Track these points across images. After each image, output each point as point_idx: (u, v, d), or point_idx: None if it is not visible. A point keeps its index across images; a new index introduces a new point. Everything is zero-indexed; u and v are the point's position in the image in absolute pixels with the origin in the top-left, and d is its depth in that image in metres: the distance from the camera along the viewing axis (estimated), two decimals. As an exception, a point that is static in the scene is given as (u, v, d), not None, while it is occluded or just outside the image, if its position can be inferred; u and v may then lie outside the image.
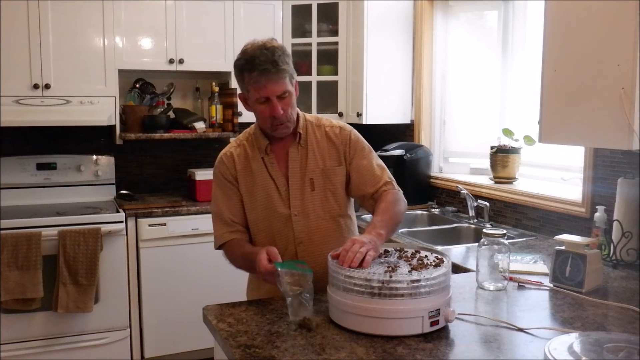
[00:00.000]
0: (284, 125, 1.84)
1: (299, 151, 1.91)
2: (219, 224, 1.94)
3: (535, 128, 2.30)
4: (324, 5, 3.90)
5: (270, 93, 1.77)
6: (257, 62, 1.74)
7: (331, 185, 1.91)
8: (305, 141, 1.92)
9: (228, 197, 1.93)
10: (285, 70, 1.77)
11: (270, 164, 1.91)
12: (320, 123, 1.96)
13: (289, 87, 1.81)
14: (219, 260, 3.66)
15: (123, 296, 3.33)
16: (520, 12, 3.32)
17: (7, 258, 3.00)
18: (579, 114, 2.04)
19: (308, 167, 1.90)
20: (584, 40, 2.01)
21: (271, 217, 1.90)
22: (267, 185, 1.90)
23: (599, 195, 2.51)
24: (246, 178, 1.92)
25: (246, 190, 1.92)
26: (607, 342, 1.25)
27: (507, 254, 1.92)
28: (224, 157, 1.96)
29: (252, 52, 1.76)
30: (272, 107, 1.79)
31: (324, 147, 1.92)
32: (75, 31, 3.43)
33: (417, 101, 3.82)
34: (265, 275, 1.67)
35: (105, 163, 3.77)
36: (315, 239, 1.90)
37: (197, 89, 4.04)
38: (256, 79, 1.75)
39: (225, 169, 1.94)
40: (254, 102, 1.82)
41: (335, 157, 1.92)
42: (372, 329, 1.48)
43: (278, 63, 1.75)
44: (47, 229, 3.11)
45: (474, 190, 3.24)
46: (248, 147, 1.94)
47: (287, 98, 1.81)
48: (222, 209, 1.93)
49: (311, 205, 1.90)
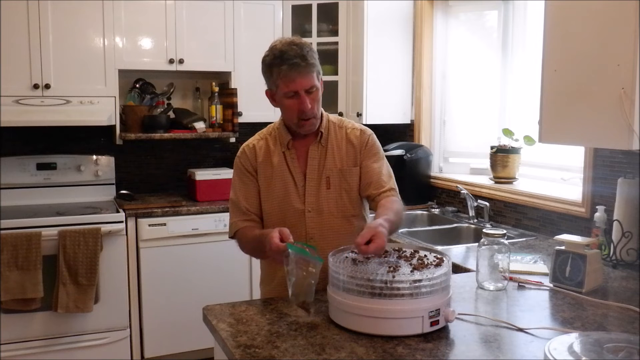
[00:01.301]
0: (309, 122, 1.88)
1: (318, 149, 1.95)
2: (235, 212, 1.98)
3: (535, 128, 2.30)
4: (324, 5, 3.90)
5: (300, 87, 1.81)
6: (286, 56, 1.78)
7: (347, 185, 1.95)
8: (326, 141, 1.96)
9: (246, 187, 1.97)
10: (313, 64, 1.82)
11: (291, 159, 1.95)
12: (342, 125, 2.00)
13: (317, 83, 1.85)
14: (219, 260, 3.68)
15: (123, 296, 3.33)
16: (520, 12, 3.32)
17: (7, 258, 3.00)
18: (579, 114, 2.04)
19: (326, 165, 1.94)
20: (584, 40, 2.01)
21: (286, 211, 1.94)
22: (285, 179, 1.94)
23: (599, 195, 2.51)
24: (266, 170, 1.96)
25: (264, 182, 1.96)
26: (607, 342, 1.25)
27: (507, 254, 1.92)
28: (246, 148, 2.00)
29: (282, 47, 1.81)
30: (300, 101, 1.83)
31: (343, 148, 1.96)
32: (75, 31, 3.43)
33: (417, 101, 3.82)
34: (274, 254, 1.66)
35: (105, 163, 3.77)
36: (327, 235, 1.93)
37: (197, 89, 4.04)
38: (285, 72, 1.79)
39: (246, 160, 1.98)
40: (282, 96, 1.85)
41: (353, 158, 1.96)
42: (372, 329, 1.48)
43: (307, 57, 1.80)
44: (47, 229, 3.11)
45: (474, 190, 3.24)
46: (270, 141, 1.98)
47: (314, 93, 1.85)
48: (239, 198, 1.97)
49: (325, 203, 1.93)
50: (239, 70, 3.77)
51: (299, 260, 1.57)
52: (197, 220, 3.49)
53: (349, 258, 1.63)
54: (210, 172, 3.72)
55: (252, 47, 3.80)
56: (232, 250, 3.51)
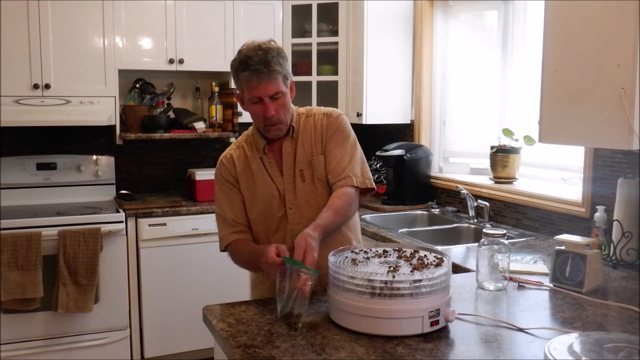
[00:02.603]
0: (276, 127, 1.86)
1: (291, 144, 1.93)
2: (223, 225, 1.96)
3: (535, 128, 2.30)
4: (324, 5, 3.90)
5: (263, 93, 1.79)
6: (250, 62, 1.76)
7: (319, 174, 1.91)
8: (297, 134, 1.93)
9: (230, 199, 1.94)
10: (277, 71, 1.78)
11: (269, 164, 1.92)
12: (310, 113, 1.97)
13: (282, 88, 1.81)
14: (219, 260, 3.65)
15: (123, 296, 3.33)
16: (520, 12, 3.32)
17: (7, 258, 3.00)
18: (579, 114, 2.04)
19: (297, 158, 1.92)
20: (584, 40, 2.01)
21: (270, 216, 1.92)
22: (267, 184, 1.92)
23: (599, 195, 2.51)
24: (247, 178, 1.93)
25: (247, 190, 1.93)
26: (607, 342, 1.25)
27: (507, 254, 1.92)
28: (224, 159, 1.98)
29: (247, 53, 1.78)
30: (264, 108, 1.80)
31: (312, 137, 1.93)
32: (75, 31, 3.43)
33: (417, 101, 3.82)
34: (269, 268, 1.65)
35: (105, 163, 3.77)
36: None
37: (197, 89, 4.04)
38: (248, 78, 1.77)
39: (226, 171, 1.96)
40: (248, 101, 1.84)
41: (320, 145, 1.93)
42: (372, 329, 1.48)
43: (270, 64, 1.76)
44: (47, 229, 3.11)
45: (474, 190, 3.24)
46: (247, 148, 1.96)
47: (279, 99, 1.82)
48: (225, 211, 1.94)
49: (303, 196, 1.91)
50: (239, 70, 3.76)
51: (295, 273, 1.56)
52: (197, 220, 3.49)
53: (349, 258, 1.63)
54: (210, 172, 3.71)
55: None
56: (232, 250, 3.55)
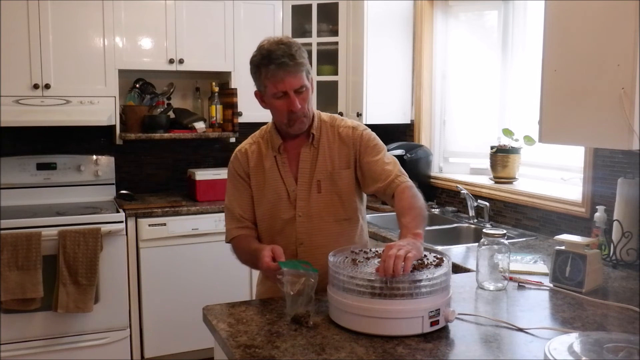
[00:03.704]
0: (300, 120, 1.84)
1: (310, 152, 1.90)
2: (229, 219, 1.97)
3: (535, 128, 2.30)
4: (324, 5, 3.90)
5: (288, 87, 1.77)
6: (274, 56, 1.75)
7: (337, 188, 1.90)
8: (318, 142, 1.91)
9: (239, 193, 1.95)
10: (302, 63, 1.78)
11: (282, 164, 1.91)
12: (334, 123, 1.95)
13: (306, 82, 1.81)
14: (219, 260, 3.67)
15: (123, 296, 3.33)
16: (520, 12, 3.32)
17: (7, 258, 3.00)
18: (579, 114, 2.04)
19: (317, 168, 1.89)
20: (584, 40, 2.01)
21: (276, 217, 1.91)
22: (277, 184, 1.91)
23: (599, 195, 2.51)
24: (258, 175, 1.93)
25: (257, 187, 1.93)
26: (607, 342, 1.25)
27: (507, 254, 1.92)
28: (239, 153, 1.98)
29: (269, 47, 1.77)
30: (290, 102, 1.79)
31: (335, 149, 1.91)
32: (75, 31, 3.43)
33: (417, 101, 3.82)
34: (267, 272, 1.68)
35: (105, 163, 3.77)
36: (317, 241, 1.89)
37: (197, 89, 4.04)
38: (273, 72, 1.75)
39: (239, 165, 1.96)
40: (270, 97, 1.82)
41: (345, 159, 1.91)
42: (372, 329, 1.48)
43: (295, 57, 1.76)
44: (47, 229, 3.11)
45: (474, 190, 3.24)
46: (263, 144, 1.95)
47: (304, 93, 1.81)
48: (233, 205, 1.95)
49: (316, 207, 1.89)
50: (239, 70, 3.76)
51: (293, 276, 1.57)
52: (197, 220, 3.49)
53: (349, 258, 1.62)
54: (210, 172, 3.72)
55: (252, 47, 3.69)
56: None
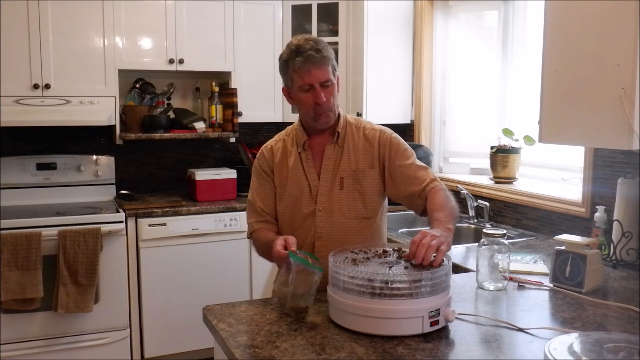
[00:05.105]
0: (325, 114, 1.88)
1: (335, 150, 1.95)
2: (251, 213, 2.03)
3: (535, 128, 2.30)
4: (324, 5, 3.90)
5: (314, 79, 1.82)
6: (301, 49, 1.82)
7: (360, 187, 1.94)
8: (343, 141, 1.96)
9: (263, 188, 2.01)
10: (328, 57, 1.84)
11: (306, 160, 1.96)
12: (360, 125, 2.00)
13: (332, 77, 1.86)
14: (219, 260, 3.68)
15: (123, 296, 3.33)
16: (520, 12, 3.32)
17: (7, 258, 3.00)
18: (579, 114, 2.04)
19: (341, 166, 1.94)
20: (584, 40, 2.01)
21: (297, 212, 1.96)
22: (300, 179, 1.96)
23: (599, 195, 2.51)
24: (282, 171, 1.98)
25: (279, 183, 1.98)
26: (607, 342, 1.25)
27: (507, 254, 1.92)
28: (264, 149, 2.04)
29: (297, 43, 1.85)
30: (315, 94, 1.83)
31: (360, 149, 1.95)
32: (75, 31, 3.43)
33: (417, 101, 3.82)
34: (277, 260, 1.71)
35: (105, 163, 3.77)
36: (335, 236, 1.93)
37: (197, 89, 4.04)
38: (300, 65, 1.81)
39: (264, 161, 2.02)
40: (297, 91, 1.86)
41: (370, 160, 1.95)
42: (372, 329, 1.48)
43: (322, 51, 1.82)
44: (47, 229, 3.11)
45: (474, 190, 3.24)
46: (288, 142, 2.01)
47: (329, 87, 1.86)
48: (256, 199, 2.02)
49: (337, 203, 1.93)
50: (239, 70, 3.77)
51: (300, 269, 1.58)
52: (197, 220, 3.49)
53: (349, 258, 1.62)
54: (210, 172, 3.72)
55: (252, 47, 3.80)
56: (232, 250, 3.55)
